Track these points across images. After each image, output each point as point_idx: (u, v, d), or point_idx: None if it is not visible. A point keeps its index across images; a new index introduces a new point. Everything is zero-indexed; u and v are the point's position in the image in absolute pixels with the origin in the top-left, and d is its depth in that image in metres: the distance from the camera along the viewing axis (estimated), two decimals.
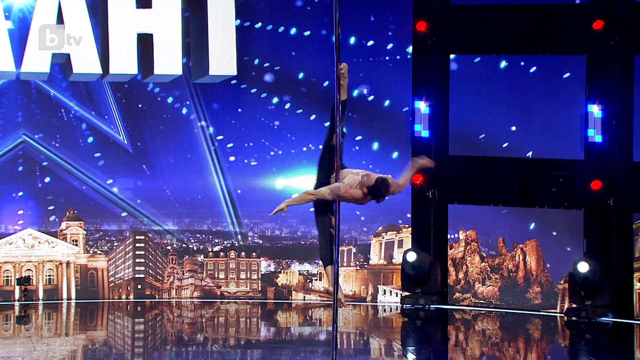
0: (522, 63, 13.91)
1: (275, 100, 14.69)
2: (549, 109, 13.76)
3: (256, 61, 14.63)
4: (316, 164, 13.60)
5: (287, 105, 14.68)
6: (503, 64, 13.97)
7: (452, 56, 14.13)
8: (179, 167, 14.74)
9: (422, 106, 14.30)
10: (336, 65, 8.75)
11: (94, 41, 13.88)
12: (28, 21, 13.81)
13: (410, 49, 14.38)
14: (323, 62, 14.32)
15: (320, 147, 8.79)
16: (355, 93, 14.30)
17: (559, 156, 13.70)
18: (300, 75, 14.62)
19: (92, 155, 14.63)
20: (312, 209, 8.62)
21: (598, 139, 13.40)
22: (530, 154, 13.78)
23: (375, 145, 14.57)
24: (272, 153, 14.74)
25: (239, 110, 14.72)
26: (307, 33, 14.55)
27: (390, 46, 14.46)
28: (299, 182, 14.67)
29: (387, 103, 14.52)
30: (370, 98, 14.47)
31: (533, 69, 13.85)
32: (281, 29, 14.60)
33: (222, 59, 14.15)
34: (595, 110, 13.40)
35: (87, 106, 14.63)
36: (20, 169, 14.51)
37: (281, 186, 14.75)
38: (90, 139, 14.61)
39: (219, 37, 14.12)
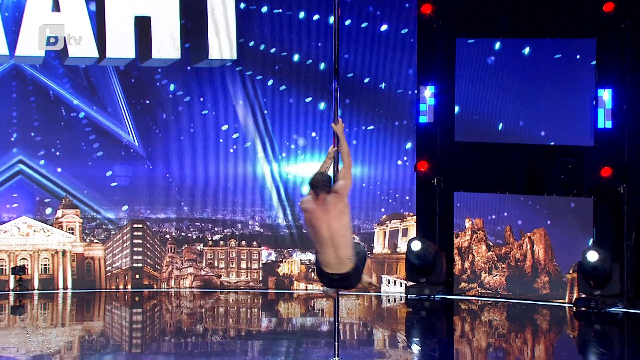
0: (530, 47, 13.76)
1: (282, 87, 14.56)
2: (557, 94, 13.66)
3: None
4: (315, 151, 13.45)
5: (282, 88, 14.54)
6: (510, 47, 13.82)
7: (470, 40, 13.96)
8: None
9: (427, 91, 14.19)
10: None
11: (90, 24, 13.79)
12: (22, 4, 13.72)
13: (415, 33, 14.21)
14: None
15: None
16: (350, 75, 14.17)
17: (568, 142, 13.58)
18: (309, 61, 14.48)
19: (91, 146, 14.51)
20: None
21: (608, 124, 13.26)
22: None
23: (371, 127, 14.41)
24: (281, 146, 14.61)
25: (241, 102, 14.58)
26: (316, 17, 14.39)
27: (395, 30, 14.32)
28: (299, 168, 14.56)
29: (391, 88, 14.38)
30: (382, 85, 14.33)
31: (543, 53, 13.70)
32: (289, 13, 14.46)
33: (222, 43, 14.08)
34: (605, 95, 13.27)
35: (90, 99, 14.47)
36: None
37: (277, 172, 14.65)
38: (88, 129, 14.50)
39: (218, 20, 14.05)
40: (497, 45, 13.90)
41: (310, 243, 14.29)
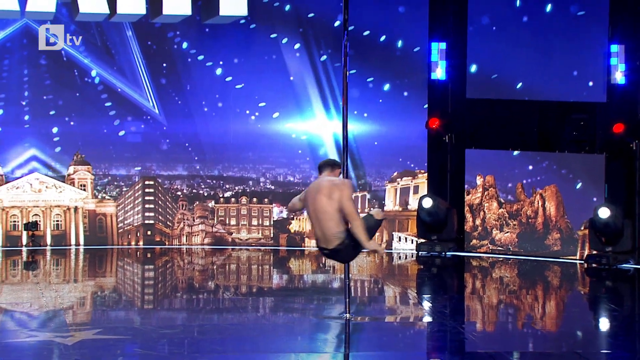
0: (543, 1, 13.58)
1: (284, 40, 14.42)
2: (570, 49, 13.48)
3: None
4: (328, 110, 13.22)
5: (297, 45, 14.41)
6: (522, 1, 13.65)
7: None
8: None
9: (439, 47, 14.02)
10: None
11: None
12: None
13: None
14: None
15: None
16: (366, 33, 14.05)
17: (580, 99, 13.44)
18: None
19: (104, 106, 14.44)
20: None
21: (621, 80, 13.11)
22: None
23: (387, 87, 14.31)
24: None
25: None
26: None
27: None
28: (307, 126, 14.47)
29: (401, 44, 14.24)
30: (399, 43, 14.20)
31: (556, 7, 13.53)
32: None
33: None
34: (618, 50, 13.08)
35: (102, 59, 14.37)
36: (27, 117, 14.32)
37: (290, 130, 14.57)
38: (99, 84, 14.41)
39: None
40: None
41: None
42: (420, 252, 14.00)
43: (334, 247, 8.57)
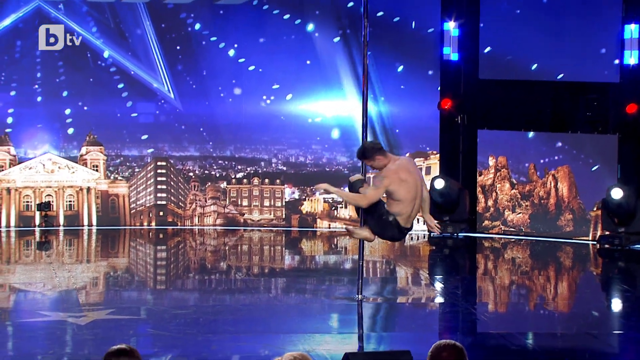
0: None
1: (297, 21, 14.37)
2: (583, 29, 13.36)
3: None
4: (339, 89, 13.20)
5: (311, 27, 14.35)
6: None
7: None
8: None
9: (452, 27, 13.93)
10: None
11: None
12: None
13: None
14: None
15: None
16: (380, 14, 13.99)
17: (593, 79, 13.32)
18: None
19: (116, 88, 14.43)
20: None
21: (635, 60, 12.99)
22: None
23: (400, 68, 14.25)
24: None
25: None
26: None
27: None
28: (319, 107, 14.41)
29: (415, 25, 14.17)
30: (413, 24, 14.12)
31: None
32: None
33: None
34: (632, 29, 12.97)
35: (115, 40, 14.34)
36: (39, 99, 14.32)
37: (303, 112, 14.52)
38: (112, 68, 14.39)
39: None
40: None
41: (332, 181, 14.30)
42: (432, 233, 13.95)
43: (412, 224, 8.84)
